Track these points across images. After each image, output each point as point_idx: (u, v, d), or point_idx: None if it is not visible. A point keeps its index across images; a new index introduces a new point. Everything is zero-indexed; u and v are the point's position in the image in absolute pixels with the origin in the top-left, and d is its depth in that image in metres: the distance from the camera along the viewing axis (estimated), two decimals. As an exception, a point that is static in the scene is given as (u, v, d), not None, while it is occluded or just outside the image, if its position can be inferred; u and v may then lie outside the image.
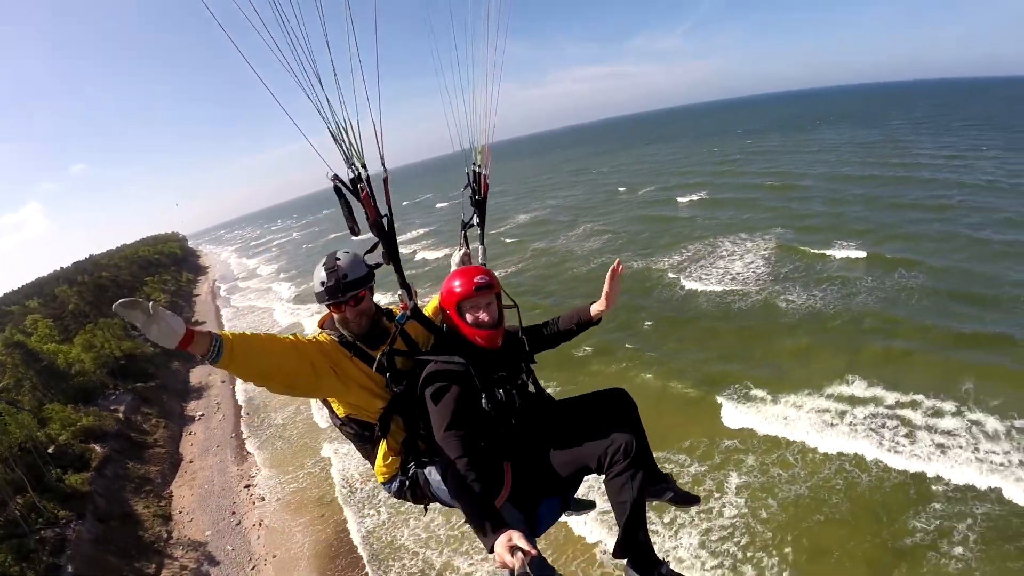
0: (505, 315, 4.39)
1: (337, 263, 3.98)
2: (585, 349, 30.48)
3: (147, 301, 3.02)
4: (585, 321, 4.80)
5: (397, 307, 4.35)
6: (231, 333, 3.38)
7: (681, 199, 68.30)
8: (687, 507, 5.32)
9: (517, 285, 44.95)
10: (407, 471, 4.21)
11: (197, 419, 39.36)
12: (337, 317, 4.08)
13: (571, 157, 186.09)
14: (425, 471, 4.15)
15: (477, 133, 4.99)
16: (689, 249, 47.08)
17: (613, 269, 4.59)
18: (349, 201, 3.90)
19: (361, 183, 3.85)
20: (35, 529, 24.70)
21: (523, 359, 4.52)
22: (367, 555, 21.83)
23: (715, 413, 24.80)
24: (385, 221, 3.99)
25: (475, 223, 5.33)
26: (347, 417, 4.18)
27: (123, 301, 2.93)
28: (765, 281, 37.59)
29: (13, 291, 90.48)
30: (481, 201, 5.30)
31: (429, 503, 4.41)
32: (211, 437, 35.85)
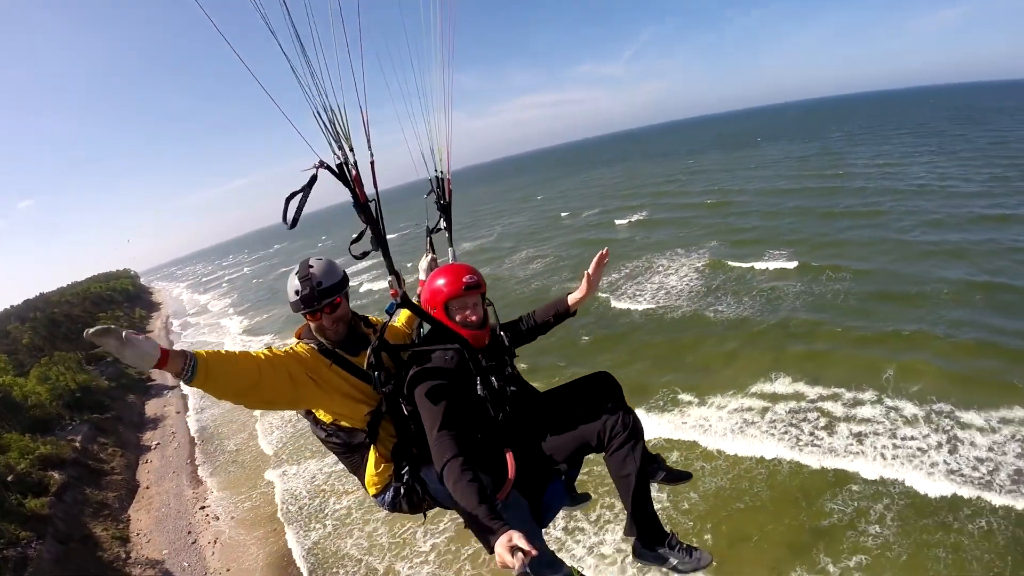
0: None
1: (310, 271, 4.07)
2: (520, 366, 31.07)
3: (119, 328, 3.09)
4: (563, 311, 4.98)
5: (376, 319, 4.54)
6: (205, 352, 3.43)
7: (620, 221, 70.12)
8: (679, 484, 5.15)
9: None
10: (402, 477, 4.23)
11: (153, 448, 40.20)
12: (314, 325, 4.17)
13: (518, 185, 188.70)
14: (422, 474, 4.20)
15: (436, 136, 4.98)
16: (627, 267, 48.79)
17: (601, 256, 4.79)
18: (307, 196, 3.76)
19: (348, 166, 3.81)
20: (-3, 549, 25.51)
21: (505, 354, 4.60)
22: (308, 567, 23.10)
23: (642, 417, 26.08)
24: (373, 206, 3.93)
25: (442, 227, 5.40)
26: (333, 425, 4.23)
27: (96, 329, 2.99)
28: (697, 294, 39.19)
29: None
30: (447, 205, 5.33)
31: (428, 509, 4.48)
32: (167, 464, 36.82)
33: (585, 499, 4.84)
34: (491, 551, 3.10)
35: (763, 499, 19.63)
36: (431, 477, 4.09)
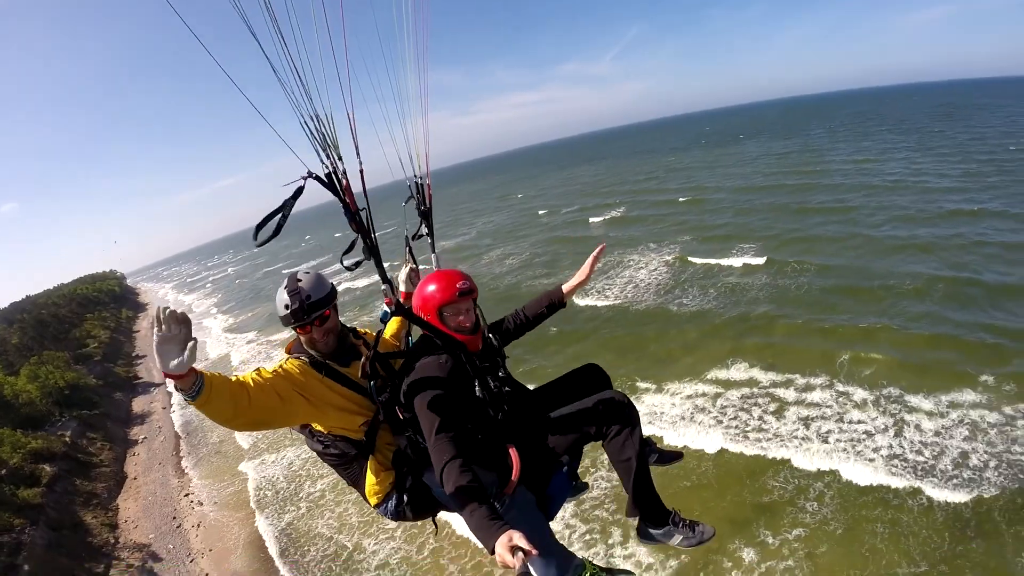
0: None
1: (299, 285, 4.05)
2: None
3: (190, 329, 3.20)
4: (556, 302, 4.98)
5: (366, 331, 4.60)
6: (209, 374, 3.41)
7: (595, 219, 71.92)
8: (672, 464, 5.24)
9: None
10: (403, 485, 4.24)
11: (140, 442, 41.79)
12: (304, 339, 4.16)
13: (501, 182, 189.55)
14: (424, 479, 4.21)
15: (414, 141, 4.90)
16: (599, 262, 49.38)
17: (602, 249, 5.00)
18: (288, 214, 3.69)
19: (338, 176, 3.75)
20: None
21: (496, 355, 4.59)
22: (280, 546, 24.68)
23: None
24: (364, 215, 3.89)
25: (423, 234, 5.34)
26: (330, 436, 4.19)
27: (181, 313, 3.15)
28: (664, 288, 40.65)
29: None
30: (427, 211, 5.26)
31: (437, 513, 4.53)
32: (153, 457, 38.42)
33: (583, 488, 4.99)
34: (492, 552, 3.09)
35: (708, 477, 20.59)
36: (433, 481, 4.11)
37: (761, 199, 62.51)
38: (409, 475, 4.22)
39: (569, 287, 5.00)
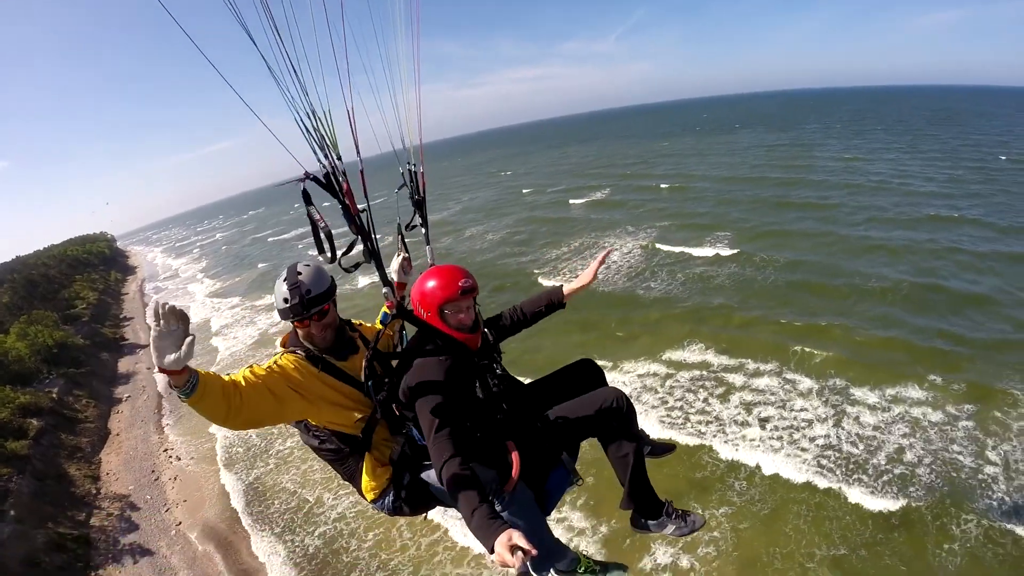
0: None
1: (299, 278, 3.96)
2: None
3: (188, 327, 3.20)
4: (556, 302, 4.96)
5: (369, 325, 4.55)
6: (203, 372, 3.41)
7: (576, 200, 72.64)
8: (665, 456, 5.38)
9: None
10: (401, 482, 4.25)
11: (124, 400, 43.49)
12: (302, 332, 4.12)
13: (495, 157, 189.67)
14: (423, 475, 4.22)
15: (407, 130, 4.72)
16: (575, 243, 51.60)
17: (608, 252, 5.02)
18: (317, 222, 3.68)
19: (338, 177, 3.64)
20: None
21: (491, 350, 4.57)
22: (247, 499, 26.53)
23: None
24: (365, 217, 3.81)
25: (417, 223, 5.17)
26: (327, 431, 4.19)
27: (179, 310, 3.16)
28: (634, 272, 41.62)
29: None
30: (421, 200, 5.11)
31: (430, 509, 4.55)
32: (136, 414, 40.16)
33: (577, 481, 4.90)
34: (491, 551, 3.09)
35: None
36: (431, 479, 4.14)
37: (743, 191, 62.93)
38: (407, 473, 4.23)
39: (570, 289, 4.95)
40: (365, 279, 48.73)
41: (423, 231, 5.20)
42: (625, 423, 4.39)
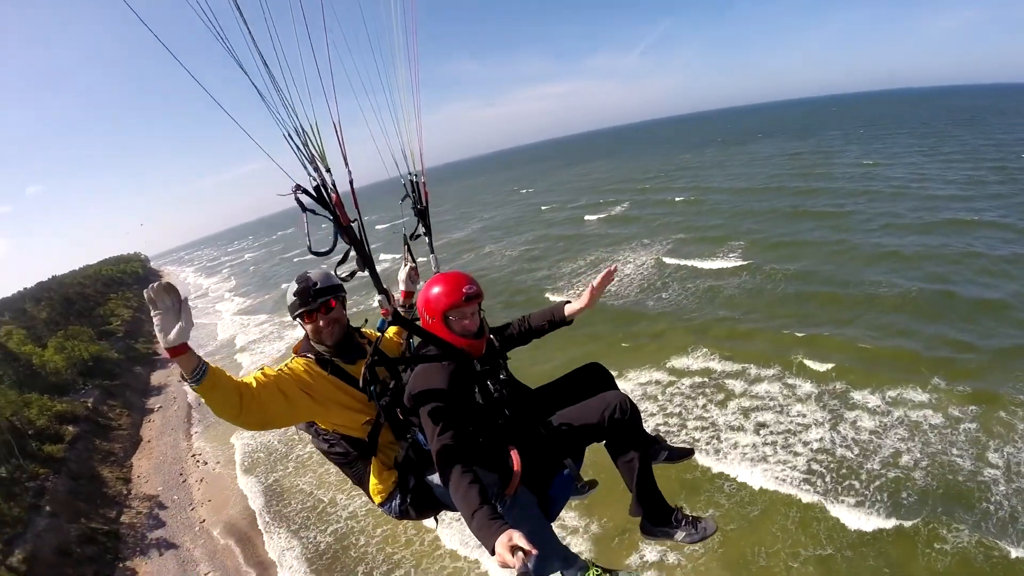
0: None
1: (308, 275, 4.11)
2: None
3: (182, 295, 3.17)
4: (559, 320, 4.79)
5: (369, 331, 4.47)
6: (214, 366, 3.42)
7: (590, 216, 72.68)
8: (683, 461, 5.16)
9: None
10: (407, 486, 4.23)
11: (155, 410, 45.73)
12: (310, 328, 4.12)
13: (517, 176, 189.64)
14: (427, 479, 4.19)
15: (408, 142, 4.72)
16: (591, 256, 52.45)
17: (608, 272, 4.66)
18: (309, 217, 3.67)
19: (327, 189, 3.58)
20: (21, 481, 30.96)
21: (497, 355, 4.49)
22: (266, 498, 28.10)
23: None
24: (356, 227, 3.75)
25: (421, 233, 5.17)
26: (335, 435, 4.19)
27: (165, 283, 3.10)
28: (645, 284, 42.23)
29: None
30: (424, 210, 5.12)
31: (439, 513, 4.47)
32: (167, 423, 42.22)
33: (593, 486, 4.85)
34: (491, 552, 3.10)
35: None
36: (435, 482, 4.12)
37: (760, 202, 62.06)
38: (412, 476, 4.23)
39: (571, 311, 4.76)
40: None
41: (427, 240, 5.18)
42: (630, 429, 4.26)
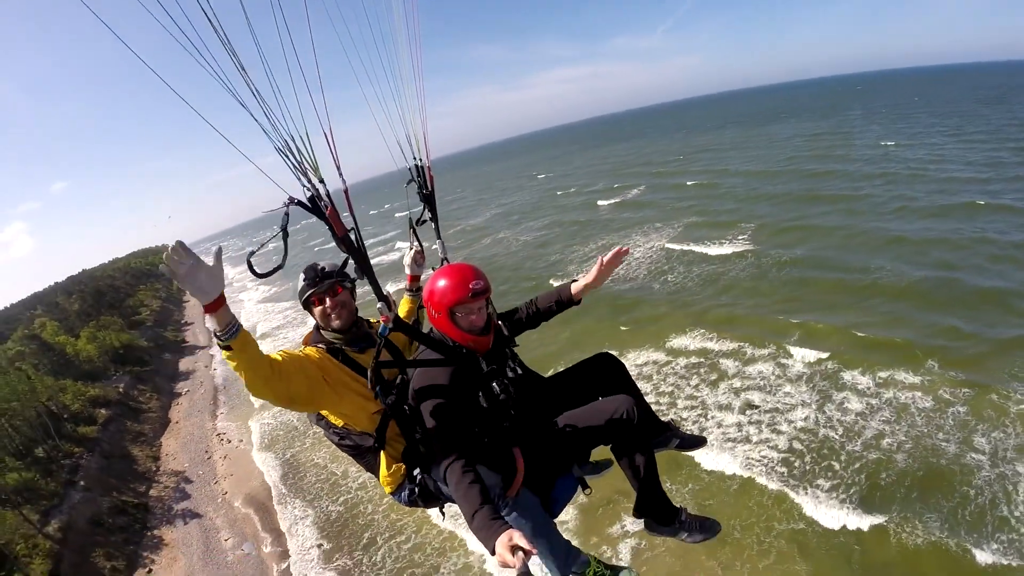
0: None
1: (317, 263, 4.23)
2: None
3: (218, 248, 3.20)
4: (566, 300, 4.73)
5: (378, 320, 4.09)
6: (244, 328, 3.40)
7: (606, 201, 73.06)
8: (695, 450, 5.18)
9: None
10: (414, 478, 4.28)
11: (183, 394, 47.93)
12: (318, 313, 4.18)
13: (537, 160, 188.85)
14: (432, 473, 4.22)
15: (413, 125, 4.61)
16: (603, 240, 53.32)
17: (618, 251, 4.57)
18: (287, 238, 3.66)
19: (322, 199, 3.49)
20: (57, 459, 33.34)
21: (505, 344, 4.45)
22: (283, 470, 30.11)
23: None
24: (353, 235, 3.63)
25: (427, 218, 5.08)
26: (344, 429, 4.24)
27: (173, 246, 3.08)
28: (652, 267, 42.93)
29: (13, 304, 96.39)
30: (430, 195, 5.02)
31: (444, 505, 4.47)
32: (194, 405, 44.39)
33: (606, 466, 4.85)
34: (492, 551, 3.08)
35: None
36: (439, 478, 4.11)
37: (775, 184, 62.03)
38: (419, 469, 4.26)
39: (577, 288, 4.69)
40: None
41: (433, 225, 5.06)
42: (636, 433, 4.20)
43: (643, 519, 4.44)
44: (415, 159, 4.79)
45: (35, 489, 30.08)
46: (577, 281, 4.68)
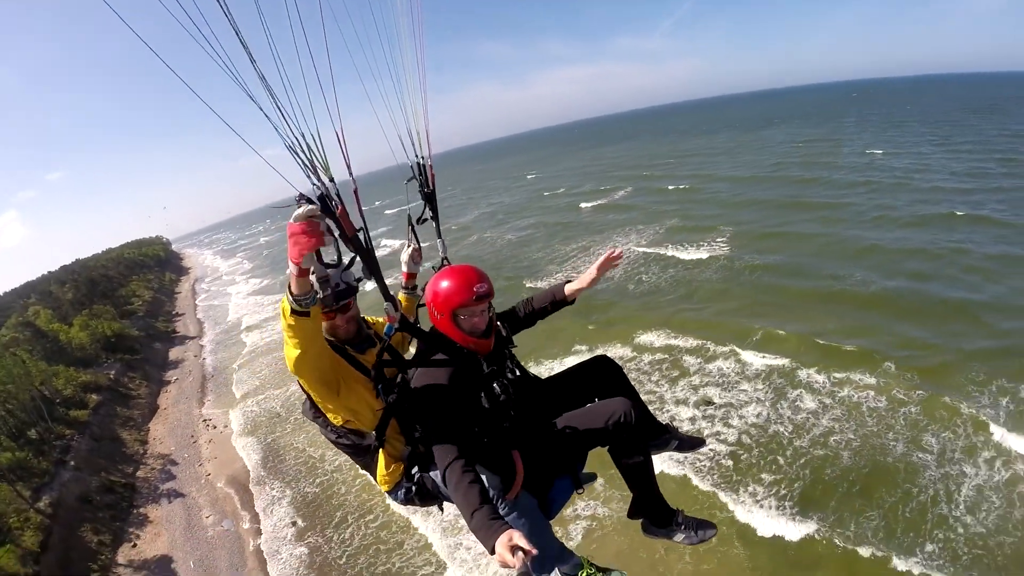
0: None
1: (327, 274, 3.98)
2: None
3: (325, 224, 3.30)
4: (560, 300, 4.74)
5: (382, 320, 4.25)
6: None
7: (588, 204, 74.15)
8: (694, 450, 5.51)
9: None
10: (412, 477, 4.30)
11: (172, 382, 49.49)
12: (327, 325, 4.15)
13: (531, 160, 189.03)
14: (431, 474, 4.23)
15: (415, 120, 4.55)
16: (582, 242, 54.32)
17: (610, 255, 4.62)
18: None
19: (332, 198, 3.47)
20: (49, 440, 34.92)
21: (504, 345, 4.46)
22: (263, 453, 31.68)
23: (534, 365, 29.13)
24: (361, 235, 3.64)
25: (428, 217, 4.98)
26: (343, 427, 4.23)
27: (312, 208, 3.18)
28: (630, 268, 43.46)
29: (7, 292, 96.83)
30: (431, 193, 4.93)
31: (442, 503, 4.46)
32: (182, 393, 45.96)
33: (591, 479, 4.85)
34: (491, 551, 3.10)
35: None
36: (438, 478, 4.11)
37: (759, 191, 62.20)
38: (417, 468, 4.29)
39: (571, 289, 4.72)
40: (370, 283, 52.17)
41: (434, 224, 5.00)
42: (634, 435, 4.22)
43: (639, 520, 4.56)
44: (417, 156, 4.74)
45: (28, 467, 31.54)
46: (571, 282, 4.71)
